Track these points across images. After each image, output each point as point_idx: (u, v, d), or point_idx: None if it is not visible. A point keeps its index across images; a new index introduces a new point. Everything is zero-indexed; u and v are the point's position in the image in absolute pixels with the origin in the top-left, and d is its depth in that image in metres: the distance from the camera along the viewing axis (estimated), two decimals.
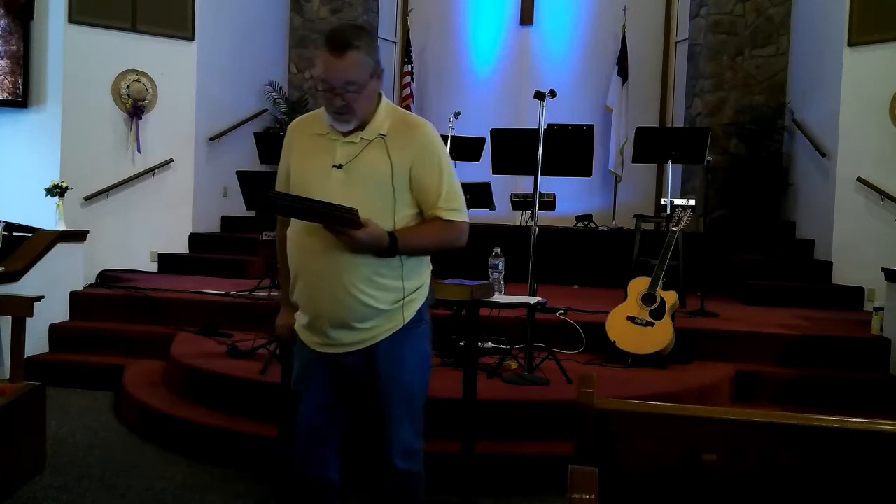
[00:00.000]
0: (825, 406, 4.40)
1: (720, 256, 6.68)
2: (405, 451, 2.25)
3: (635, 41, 8.49)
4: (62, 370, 4.98)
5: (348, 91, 2.09)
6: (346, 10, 8.34)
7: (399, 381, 2.23)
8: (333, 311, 2.16)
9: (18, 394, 3.37)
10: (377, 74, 2.15)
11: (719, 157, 7.30)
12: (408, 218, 2.19)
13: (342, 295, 2.13)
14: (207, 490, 3.38)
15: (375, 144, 2.15)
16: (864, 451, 1.55)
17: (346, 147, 2.16)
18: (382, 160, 2.14)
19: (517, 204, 6.70)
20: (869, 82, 6.18)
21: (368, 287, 2.14)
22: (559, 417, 3.57)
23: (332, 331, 2.18)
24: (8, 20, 6.37)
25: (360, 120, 2.15)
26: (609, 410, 1.64)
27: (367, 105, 2.15)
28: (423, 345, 2.30)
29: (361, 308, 2.14)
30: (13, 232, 5.52)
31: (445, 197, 2.19)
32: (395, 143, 2.15)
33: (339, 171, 2.15)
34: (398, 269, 2.18)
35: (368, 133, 2.16)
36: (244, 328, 5.02)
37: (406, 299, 2.21)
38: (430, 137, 2.20)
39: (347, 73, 2.07)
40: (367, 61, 2.10)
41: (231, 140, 7.58)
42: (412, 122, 2.21)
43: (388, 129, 2.17)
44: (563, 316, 4.98)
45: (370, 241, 2.07)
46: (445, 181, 2.19)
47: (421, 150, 2.16)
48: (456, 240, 2.25)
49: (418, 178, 2.16)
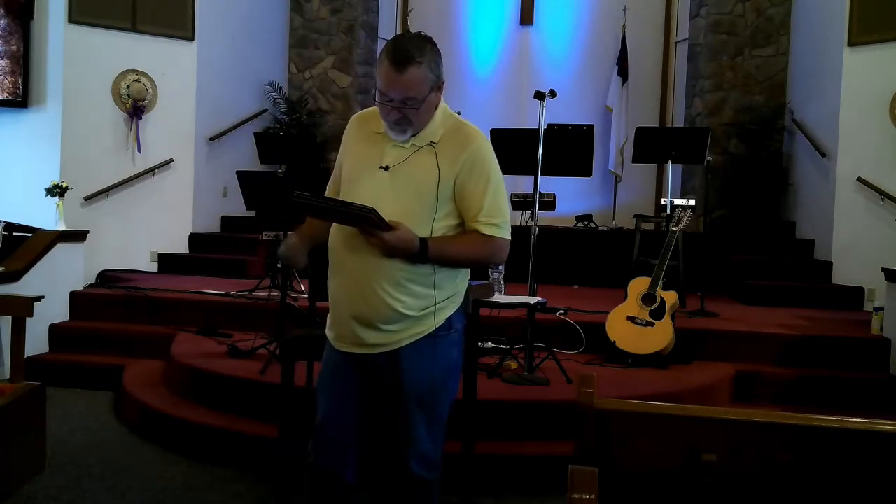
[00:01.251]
0: (825, 406, 4.40)
1: (720, 256, 6.68)
2: (421, 458, 2.23)
3: (635, 41, 8.49)
4: (62, 370, 4.98)
5: (406, 106, 2.06)
6: (346, 10, 8.34)
7: (421, 386, 2.19)
8: (361, 310, 2.14)
9: (18, 394, 3.37)
10: (438, 87, 2.13)
11: (719, 157, 7.30)
12: (448, 228, 2.16)
13: (371, 295, 2.12)
14: (207, 490, 3.38)
15: (425, 151, 2.13)
16: (864, 451, 1.55)
17: (396, 150, 2.15)
18: (430, 167, 2.11)
19: (517, 204, 6.70)
20: (869, 82, 6.18)
21: (397, 291, 2.11)
22: (559, 417, 3.57)
23: (358, 329, 2.16)
24: (8, 20, 6.37)
25: (416, 131, 2.13)
26: (609, 410, 1.64)
27: (424, 117, 2.12)
28: (451, 353, 2.25)
29: (388, 311, 2.12)
30: (13, 232, 5.53)
31: (487, 211, 2.14)
32: (446, 151, 2.12)
33: (385, 172, 2.13)
34: (430, 276, 2.15)
35: (420, 139, 2.14)
36: (244, 328, 5.03)
37: (437, 307, 2.18)
38: (482, 150, 2.16)
39: (408, 89, 2.04)
40: (428, 77, 2.07)
41: (231, 140, 7.58)
42: (465, 132, 2.17)
43: (441, 136, 2.14)
44: (563, 316, 4.98)
45: (398, 245, 2.04)
46: (490, 195, 2.14)
47: (470, 160, 2.13)
48: (493, 256, 2.22)
49: (462, 188, 2.13)
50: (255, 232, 6.62)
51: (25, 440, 3.39)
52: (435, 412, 2.25)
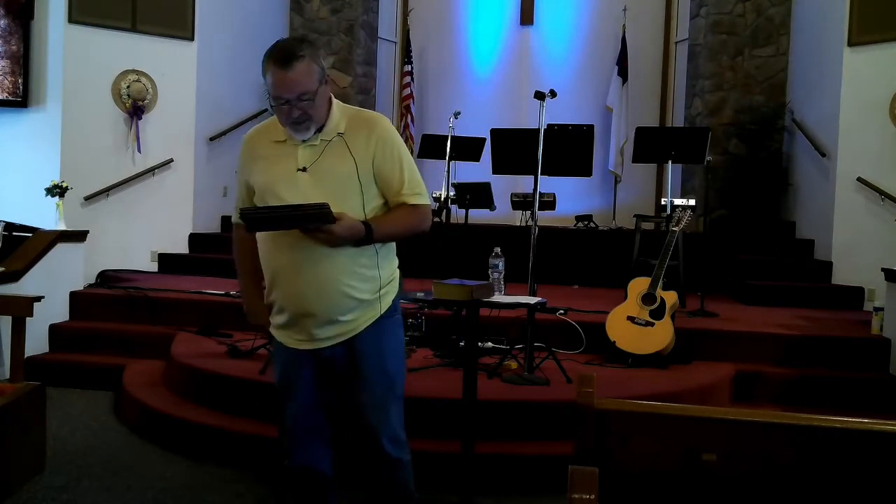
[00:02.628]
0: (825, 406, 4.40)
1: (720, 256, 6.68)
2: (393, 439, 2.32)
3: (635, 41, 8.49)
4: (62, 370, 4.98)
5: (302, 101, 2.13)
6: (345, 10, 8.34)
7: (381, 370, 2.30)
8: (318, 307, 2.21)
9: (18, 394, 3.37)
10: (325, 80, 2.20)
11: (719, 157, 7.30)
12: (377, 209, 2.28)
13: (325, 289, 2.19)
14: (207, 490, 3.38)
15: (336, 143, 2.23)
16: (864, 451, 1.55)
17: (308, 150, 2.22)
18: (345, 157, 2.21)
19: (517, 204, 6.70)
20: (869, 82, 6.18)
21: (350, 278, 2.21)
22: (559, 417, 3.57)
23: (315, 328, 2.23)
24: (8, 20, 6.37)
25: (317, 125, 2.21)
26: (609, 410, 1.64)
27: (321, 110, 2.21)
28: (399, 333, 2.39)
29: (346, 300, 2.21)
30: (13, 232, 5.53)
31: (409, 184, 2.27)
32: (355, 139, 2.22)
33: (305, 173, 2.21)
34: (374, 257, 2.26)
35: (327, 134, 2.23)
36: (244, 328, 4.98)
37: (382, 290, 2.29)
38: (388, 130, 2.27)
39: (298, 84, 2.12)
40: (314, 69, 2.15)
41: (231, 140, 7.58)
42: (368, 118, 2.29)
43: (346, 127, 2.24)
44: (563, 316, 4.98)
45: (347, 234, 2.14)
46: (406, 169, 2.28)
47: (381, 143, 2.23)
48: (422, 222, 2.34)
49: (381, 169, 2.24)
50: None
51: (25, 440, 3.39)
52: (394, 392, 2.35)
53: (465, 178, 6.18)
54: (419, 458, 2.48)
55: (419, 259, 3.44)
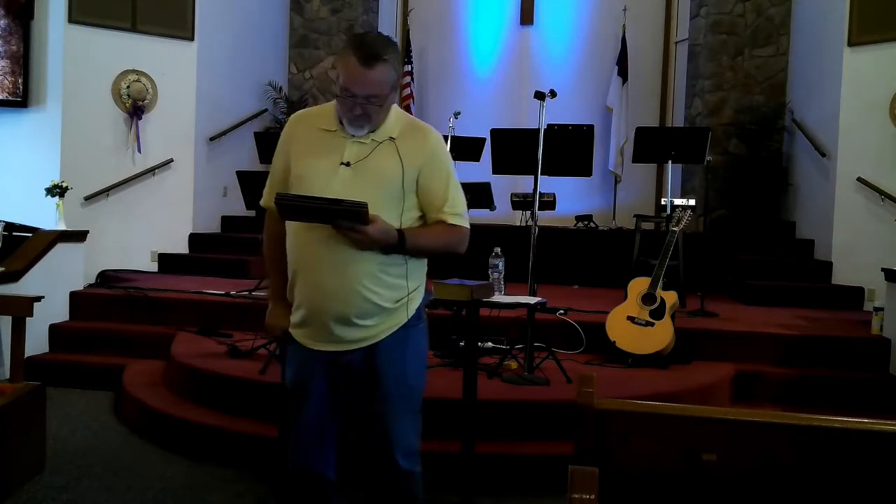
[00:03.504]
0: (825, 406, 4.40)
1: (720, 256, 6.68)
2: (406, 451, 2.26)
3: (635, 41, 8.49)
4: (62, 370, 4.98)
5: (370, 103, 2.09)
6: (345, 10, 8.34)
7: (401, 380, 2.23)
8: (336, 307, 2.15)
9: (18, 394, 3.37)
10: (396, 87, 2.19)
11: (719, 157, 7.30)
12: (412, 220, 2.22)
13: (347, 290, 2.14)
14: (207, 490, 3.38)
15: (386, 146, 2.17)
16: (864, 451, 1.55)
17: (356, 146, 2.17)
18: (394, 162, 2.16)
19: (517, 204, 6.70)
20: (869, 82, 6.18)
21: (373, 284, 2.15)
22: (559, 417, 3.57)
23: (334, 326, 2.17)
24: (8, 20, 6.37)
25: (373, 128, 2.17)
26: (609, 410, 1.64)
27: (383, 115, 2.17)
28: (423, 343, 2.32)
29: (365, 304, 2.15)
30: (13, 232, 5.52)
31: (451, 202, 2.23)
32: (406, 146, 2.18)
33: (348, 168, 2.15)
34: (402, 266, 2.20)
35: (379, 135, 2.17)
36: (244, 328, 5.02)
37: (409, 298, 2.24)
38: (439, 144, 2.25)
39: (373, 86, 2.07)
40: (392, 76, 2.12)
41: (231, 140, 7.58)
42: (421, 128, 2.25)
43: (399, 132, 2.19)
44: (563, 316, 4.98)
45: (379, 237, 2.08)
46: (451, 187, 2.24)
47: (430, 155, 2.20)
48: (458, 244, 2.29)
49: (426, 182, 2.19)
50: (255, 232, 6.61)
51: (25, 440, 3.39)
52: (413, 404, 2.28)
53: (465, 178, 6.13)
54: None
55: None
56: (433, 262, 2.40)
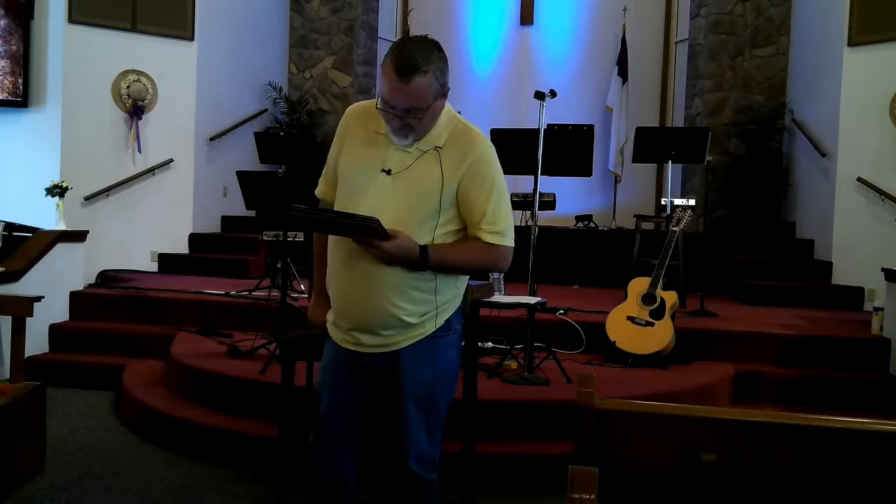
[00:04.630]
0: (825, 406, 4.40)
1: (720, 256, 6.68)
2: (421, 458, 2.21)
3: (635, 41, 8.49)
4: (62, 370, 4.98)
5: (409, 115, 2.01)
6: (346, 10, 8.34)
7: (420, 386, 2.17)
8: (361, 317, 2.12)
9: (18, 394, 3.37)
10: (443, 94, 2.09)
11: (719, 157, 7.29)
12: (450, 234, 2.12)
13: (372, 303, 2.09)
14: (207, 490, 3.38)
15: (429, 156, 2.08)
16: (865, 451, 1.55)
17: (399, 154, 2.09)
18: (434, 174, 2.07)
19: (517, 204, 6.67)
20: (869, 82, 6.18)
21: (400, 299, 2.08)
22: (559, 417, 3.57)
23: (356, 333, 2.15)
24: (8, 20, 6.37)
25: (419, 137, 2.08)
26: (609, 410, 1.64)
27: (427, 124, 2.08)
28: (450, 354, 2.22)
29: (390, 319, 2.10)
30: (13, 232, 5.52)
31: (490, 217, 2.10)
32: (449, 157, 2.08)
33: (388, 176, 2.08)
34: (431, 282, 2.11)
35: (425, 144, 2.09)
36: (244, 328, 5.03)
37: (438, 310, 2.16)
38: (486, 155, 2.11)
39: (411, 99, 1.99)
40: (433, 85, 2.03)
41: (231, 140, 7.58)
42: (470, 136, 2.13)
43: (446, 140, 2.10)
44: (563, 316, 4.98)
45: (398, 253, 2.00)
46: (493, 202, 2.10)
47: (474, 166, 2.08)
48: (495, 263, 2.18)
49: (465, 193, 2.08)
50: (255, 232, 6.62)
51: (25, 440, 3.39)
52: (433, 413, 2.22)
53: None
54: None
55: None
56: None
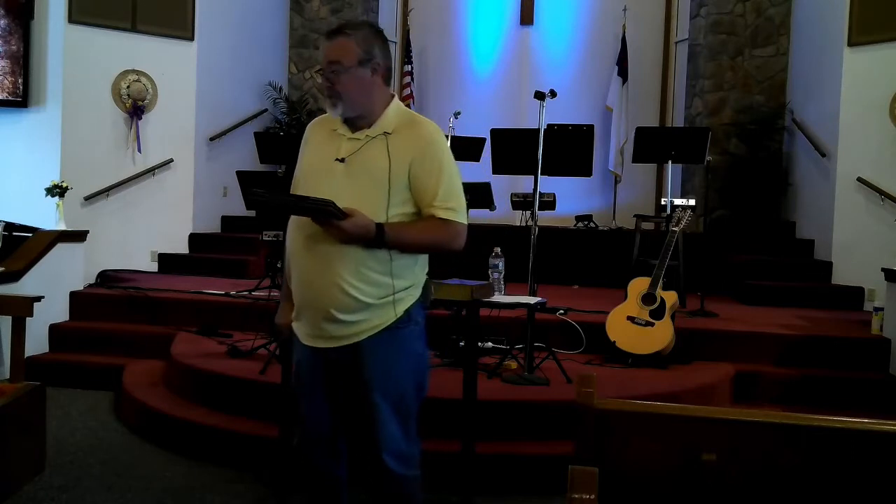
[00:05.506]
0: (825, 406, 4.40)
1: (720, 256, 6.68)
2: (396, 454, 2.22)
3: (635, 41, 8.49)
4: (62, 370, 4.98)
5: (331, 71, 2.17)
6: (346, 10, 8.34)
7: (386, 381, 2.19)
8: (320, 301, 2.17)
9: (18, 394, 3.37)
10: (374, 69, 2.20)
11: (719, 157, 7.29)
12: (403, 216, 2.20)
13: (329, 285, 2.15)
14: (207, 490, 3.38)
15: (378, 141, 2.19)
16: (865, 451, 1.55)
17: (350, 142, 2.21)
18: (381, 156, 2.17)
19: (517, 204, 6.69)
20: (869, 82, 6.18)
21: (355, 279, 2.14)
22: (559, 417, 3.57)
23: (319, 321, 2.19)
24: (8, 20, 6.37)
25: (350, 109, 2.20)
26: (609, 410, 1.64)
27: (356, 93, 2.18)
28: (415, 346, 2.26)
29: (346, 299, 2.14)
30: (13, 232, 5.52)
31: (442, 196, 2.18)
32: (398, 140, 2.19)
33: (341, 164, 2.19)
34: (387, 263, 2.17)
35: (374, 131, 2.21)
36: (244, 328, 5.02)
37: (395, 297, 2.19)
38: (433, 136, 2.22)
39: (332, 53, 2.17)
40: (354, 48, 2.17)
41: (231, 140, 7.58)
42: (417, 122, 2.25)
43: (395, 127, 2.21)
44: (563, 316, 4.98)
45: (355, 231, 2.08)
46: (444, 180, 2.19)
47: (422, 148, 2.18)
48: (451, 241, 2.23)
49: (416, 175, 2.17)
50: (255, 232, 6.62)
51: (25, 440, 3.39)
52: (403, 407, 2.24)
53: (465, 178, 6.14)
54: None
55: None
56: (433, 260, 2.37)
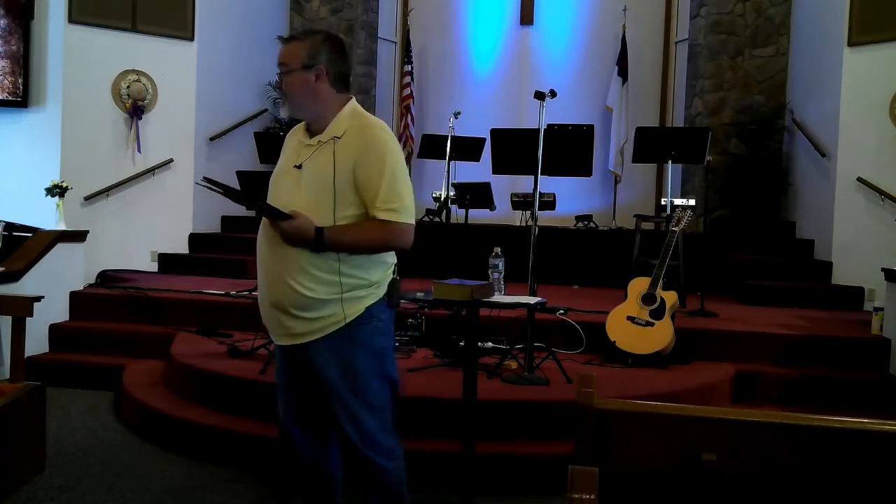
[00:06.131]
0: (825, 406, 4.40)
1: (720, 256, 6.67)
2: (372, 446, 2.28)
3: (635, 41, 8.49)
4: (62, 370, 4.98)
5: (279, 72, 2.31)
6: (345, 10, 8.34)
7: (349, 378, 2.25)
8: (274, 296, 2.26)
9: (18, 394, 3.37)
10: (318, 75, 2.27)
11: (719, 157, 7.29)
12: (353, 218, 2.23)
13: (279, 282, 2.24)
14: (207, 490, 3.38)
15: (326, 146, 2.24)
16: (865, 451, 1.55)
17: (306, 149, 2.29)
18: (327, 161, 2.22)
19: (517, 204, 6.70)
20: (869, 82, 6.18)
21: (303, 277, 2.21)
22: (559, 417, 3.57)
23: (278, 315, 2.26)
24: (8, 20, 6.37)
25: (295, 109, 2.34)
26: (609, 410, 1.64)
27: (300, 95, 2.28)
28: (376, 341, 2.30)
29: (296, 296, 2.22)
30: (13, 232, 5.52)
31: (384, 197, 2.20)
32: (344, 144, 2.23)
33: (298, 170, 2.27)
34: (334, 263, 2.22)
35: (325, 136, 2.27)
36: (244, 328, 5.02)
37: (346, 294, 2.24)
38: (378, 138, 2.24)
39: (281, 56, 2.31)
40: (300, 52, 2.27)
41: (231, 140, 7.58)
42: (365, 124, 2.27)
43: (344, 132, 2.25)
44: (563, 316, 4.98)
45: (294, 233, 2.17)
46: (386, 181, 2.20)
47: (365, 149, 2.21)
48: (393, 240, 2.26)
49: (359, 177, 2.21)
50: (255, 232, 6.57)
51: (25, 440, 3.39)
52: (370, 400, 2.28)
53: (465, 178, 6.18)
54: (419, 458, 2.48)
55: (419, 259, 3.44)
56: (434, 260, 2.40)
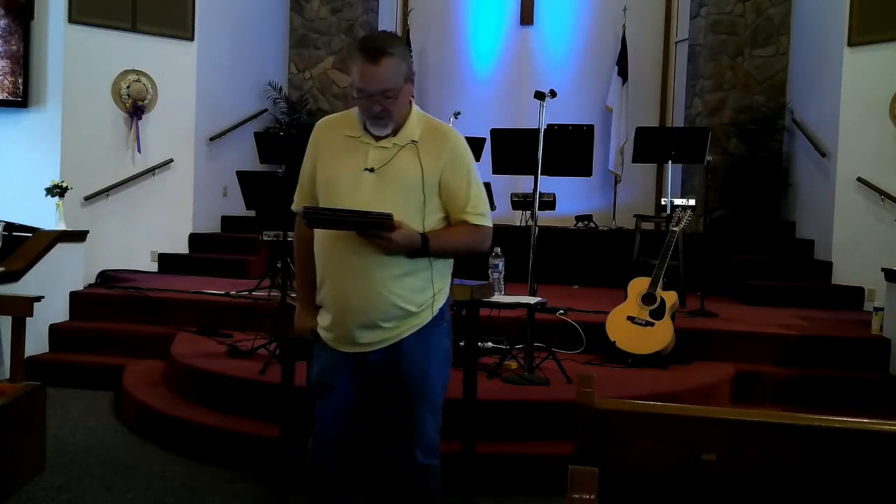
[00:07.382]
0: (825, 406, 4.40)
1: (720, 256, 6.68)
2: (426, 447, 2.32)
3: (635, 41, 8.49)
4: (62, 370, 4.98)
5: (385, 97, 2.13)
6: (346, 10, 8.34)
7: (422, 378, 2.28)
8: (363, 311, 2.19)
9: (18, 394, 3.37)
10: (410, 78, 2.21)
11: (719, 157, 7.30)
12: (435, 222, 2.26)
13: (374, 295, 2.17)
14: (207, 490, 3.38)
15: (407, 150, 2.20)
16: (865, 451, 1.55)
17: (379, 151, 2.20)
18: (414, 166, 2.19)
19: (517, 204, 6.69)
20: (869, 82, 6.18)
21: (399, 288, 2.19)
22: (559, 417, 3.57)
23: (358, 330, 2.21)
24: (8, 20, 6.37)
25: (396, 124, 2.21)
26: (609, 410, 1.64)
27: (402, 109, 2.20)
28: (445, 342, 2.34)
29: (391, 308, 2.19)
30: (13, 232, 5.52)
31: (473, 202, 2.26)
32: (427, 149, 2.21)
33: (372, 174, 2.19)
34: (428, 269, 2.24)
35: (401, 139, 2.21)
36: (244, 328, 5.02)
37: (434, 299, 2.27)
38: (460, 145, 2.27)
39: (384, 80, 2.11)
40: (401, 66, 2.15)
41: (231, 140, 7.58)
42: (443, 130, 2.28)
43: (420, 135, 2.22)
44: (563, 316, 4.98)
45: (404, 243, 2.13)
46: (473, 187, 2.27)
47: (452, 157, 2.23)
48: (481, 243, 2.33)
49: (448, 183, 2.23)
50: (255, 232, 6.62)
51: (25, 440, 3.39)
52: (433, 401, 2.33)
53: None
54: None
55: None
56: None
